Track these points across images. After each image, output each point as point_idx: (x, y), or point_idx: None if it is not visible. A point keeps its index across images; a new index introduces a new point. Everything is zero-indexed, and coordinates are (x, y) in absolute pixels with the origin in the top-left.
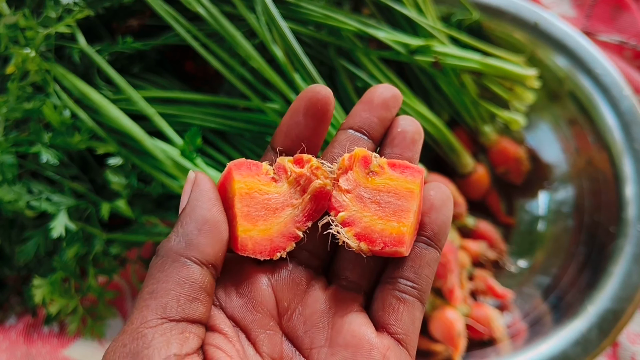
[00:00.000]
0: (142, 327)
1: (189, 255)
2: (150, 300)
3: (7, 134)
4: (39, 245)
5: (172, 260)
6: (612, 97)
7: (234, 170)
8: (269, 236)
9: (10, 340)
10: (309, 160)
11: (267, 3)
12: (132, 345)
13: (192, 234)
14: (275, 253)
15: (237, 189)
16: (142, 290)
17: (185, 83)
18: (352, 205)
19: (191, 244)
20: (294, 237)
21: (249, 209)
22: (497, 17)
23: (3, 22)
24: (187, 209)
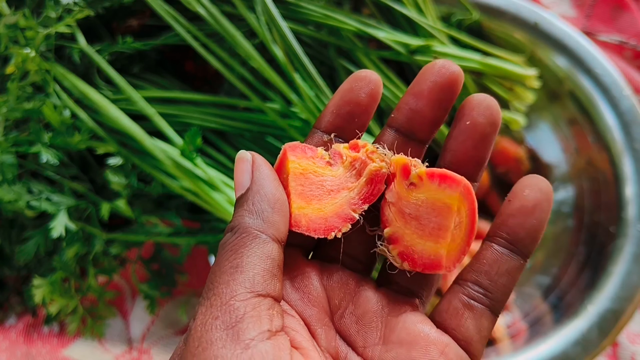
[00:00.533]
0: (232, 300)
1: (268, 232)
2: (236, 275)
3: (7, 133)
4: (39, 245)
5: (252, 236)
6: (612, 97)
7: (288, 151)
8: (323, 215)
9: (10, 340)
10: (364, 145)
11: (267, 3)
12: (224, 318)
13: (266, 211)
14: (330, 232)
15: (291, 168)
16: (222, 265)
17: (185, 83)
18: (396, 220)
19: (268, 221)
20: (350, 219)
21: (303, 188)
22: (497, 17)
23: (3, 22)
24: (254, 188)
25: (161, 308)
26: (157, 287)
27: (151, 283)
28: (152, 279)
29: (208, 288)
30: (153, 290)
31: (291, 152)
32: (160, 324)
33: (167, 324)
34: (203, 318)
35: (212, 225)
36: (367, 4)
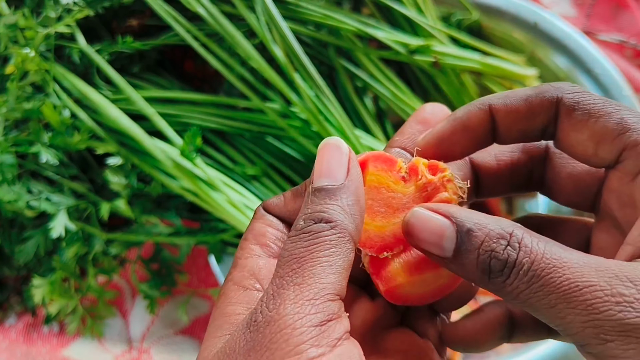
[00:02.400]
0: (326, 297)
1: (355, 240)
2: (329, 272)
3: (7, 133)
4: (39, 245)
5: (347, 240)
6: (612, 97)
7: (370, 161)
8: (381, 233)
9: (10, 340)
10: (444, 170)
11: (266, 3)
12: (317, 314)
13: (357, 218)
14: (383, 252)
15: (368, 180)
16: (315, 254)
17: (184, 83)
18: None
19: (357, 229)
20: (404, 242)
21: (373, 202)
22: (497, 17)
23: (2, 22)
24: (350, 187)
25: (161, 308)
26: (157, 287)
27: (151, 283)
28: (152, 278)
29: (296, 273)
30: (153, 290)
31: (372, 163)
32: (160, 323)
33: (167, 324)
34: (293, 307)
35: (212, 225)
36: (367, 3)
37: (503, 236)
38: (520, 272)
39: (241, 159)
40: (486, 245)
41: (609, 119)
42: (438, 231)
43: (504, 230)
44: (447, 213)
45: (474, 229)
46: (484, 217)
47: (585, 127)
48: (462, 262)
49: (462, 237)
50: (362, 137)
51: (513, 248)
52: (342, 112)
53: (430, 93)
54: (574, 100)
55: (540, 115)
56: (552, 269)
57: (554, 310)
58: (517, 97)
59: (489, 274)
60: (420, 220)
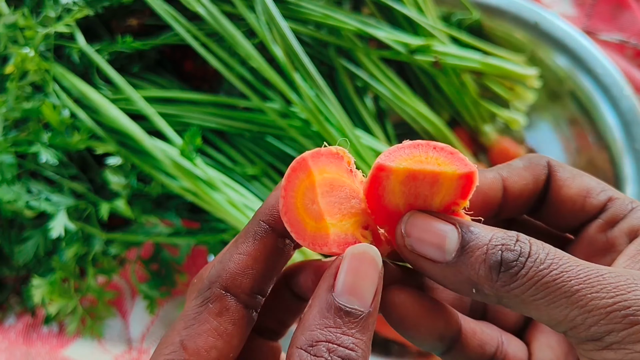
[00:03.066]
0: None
1: None
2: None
3: (7, 133)
4: (39, 245)
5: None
6: (612, 97)
7: (310, 161)
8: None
9: (9, 340)
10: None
11: (266, 3)
12: None
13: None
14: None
15: (317, 181)
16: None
17: (184, 83)
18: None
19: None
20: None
21: (334, 199)
22: (498, 17)
23: (2, 22)
24: (373, 314)
25: (161, 308)
26: (156, 287)
27: (151, 283)
28: (152, 279)
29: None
30: (152, 290)
31: (314, 162)
32: (159, 324)
33: (167, 324)
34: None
35: (211, 225)
36: (367, 3)
37: (511, 235)
38: (536, 260)
39: (241, 159)
40: (496, 240)
41: (590, 180)
42: (440, 232)
43: (508, 232)
44: (449, 219)
45: (479, 230)
46: (482, 225)
47: (573, 184)
48: (465, 261)
49: (467, 236)
50: (362, 137)
51: (524, 242)
52: (342, 112)
53: (430, 93)
54: (558, 164)
55: (541, 177)
56: (569, 261)
57: (571, 299)
58: (517, 166)
59: (499, 267)
60: (421, 221)
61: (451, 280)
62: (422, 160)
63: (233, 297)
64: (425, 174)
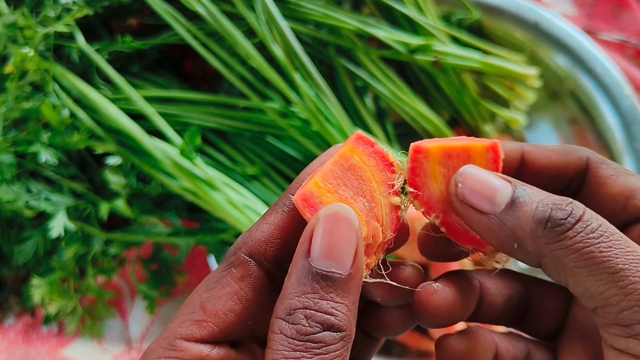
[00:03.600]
0: None
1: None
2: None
3: (6, 133)
4: (38, 245)
5: (348, 351)
6: (612, 97)
7: (363, 143)
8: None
9: (9, 340)
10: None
11: (266, 2)
12: None
13: (356, 317)
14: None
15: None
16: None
17: (184, 82)
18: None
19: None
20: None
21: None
22: (498, 16)
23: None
24: (354, 277)
25: (160, 308)
26: (156, 287)
27: (150, 283)
28: (151, 279)
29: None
30: (152, 290)
31: (363, 146)
32: (159, 324)
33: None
34: None
35: (211, 225)
36: (367, 3)
37: (564, 198)
38: (587, 227)
39: (241, 159)
40: (547, 199)
41: (637, 179)
42: (493, 186)
43: (564, 198)
44: (504, 177)
45: (534, 191)
46: (539, 189)
47: (616, 183)
48: (513, 214)
49: (519, 192)
50: None
51: (578, 207)
52: (342, 111)
53: (430, 92)
54: (601, 160)
55: (570, 167)
56: (621, 239)
57: (613, 277)
58: (549, 148)
59: (546, 223)
60: (476, 174)
61: (495, 234)
62: (451, 141)
63: (257, 264)
64: (459, 150)
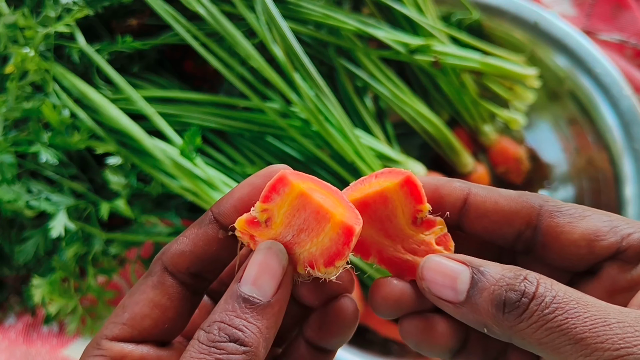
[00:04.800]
0: None
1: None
2: None
3: (7, 133)
4: (39, 245)
5: None
6: (612, 97)
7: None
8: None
9: (9, 340)
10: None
11: (266, 2)
12: None
13: (269, 342)
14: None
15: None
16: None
17: (184, 82)
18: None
19: (265, 352)
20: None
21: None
22: (497, 17)
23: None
24: (274, 306)
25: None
26: None
27: None
28: None
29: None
30: None
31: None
32: None
33: None
34: None
35: None
36: (367, 3)
37: (518, 275)
38: (541, 304)
39: (241, 159)
40: (502, 280)
41: (595, 219)
42: (452, 274)
43: (519, 271)
44: (462, 259)
45: (489, 270)
46: (496, 263)
47: (576, 229)
48: (475, 301)
49: (477, 277)
50: (362, 137)
51: (530, 282)
52: (342, 111)
53: (430, 93)
54: (556, 206)
55: (520, 214)
56: (576, 306)
57: (576, 347)
58: (501, 193)
59: (503, 308)
60: (435, 265)
61: (467, 319)
62: (367, 188)
63: (170, 274)
64: (374, 197)
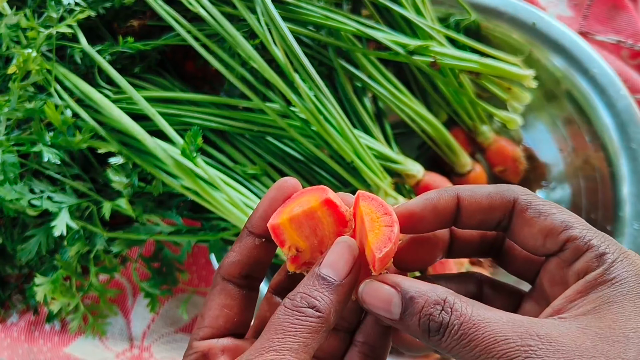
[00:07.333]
0: None
1: (330, 329)
2: (302, 354)
3: (9, 133)
4: (41, 244)
5: (324, 329)
6: (608, 97)
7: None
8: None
9: (12, 338)
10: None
11: (267, 4)
12: None
13: (339, 313)
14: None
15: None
16: (291, 335)
17: (185, 83)
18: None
19: (335, 321)
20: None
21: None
22: (495, 18)
23: (5, 23)
24: (344, 285)
25: (162, 306)
26: (158, 286)
27: (152, 281)
28: (153, 277)
29: (279, 341)
30: (154, 288)
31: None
32: (161, 322)
33: (168, 322)
34: None
35: (212, 223)
36: (366, 5)
37: (438, 302)
38: (452, 331)
39: (242, 159)
40: (425, 310)
41: (555, 218)
42: (387, 299)
43: (439, 297)
44: (394, 283)
45: (415, 296)
46: (423, 285)
47: (536, 224)
48: (407, 323)
49: (406, 303)
50: (361, 137)
51: (446, 312)
52: (342, 112)
53: (428, 93)
54: (527, 201)
55: (499, 210)
56: (477, 327)
57: (481, 358)
58: (481, 191)
59: (428, 333)
60: (372, 290)
61: (406, 331)
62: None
63: (229, 281)
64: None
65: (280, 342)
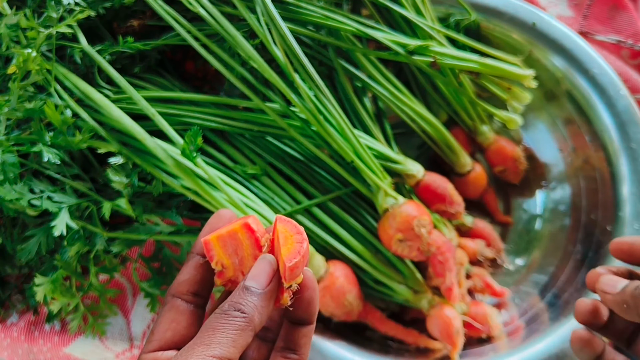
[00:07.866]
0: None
1: (257, 330)
2: (230, 348)
3: (9, 133)
4: (41, 244)
5: (249, 328)
6: (608, 97)
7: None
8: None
9: (11, 338)
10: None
11: (267, 4)
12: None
13: (263, 316)
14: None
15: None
16: (220, 332)
17: (185, 83)
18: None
19: (260, 323)
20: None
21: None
22: (495, 18)
23: (4, 22)
24: (265, 293)
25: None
26: (158, 286)
27: (152, 281)
28: (153, 277)
29: (209, 337)
30: (154, 288)
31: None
32: None
33: None
34: (196, 358)
35: None
36: (366, 5)
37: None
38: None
39: (241, 159)
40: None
41: None
42: (614, 283)
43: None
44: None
45: (629, 284)
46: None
47: None
48: (623, 291)
49: (628, 284)
50: (361, 137)
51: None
52: (342, 112)
53: (428, 93)
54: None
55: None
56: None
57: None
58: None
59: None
60: (606, 279)
61: (618, 305)
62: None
63: (178, 298)
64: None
65: (210, 337)
